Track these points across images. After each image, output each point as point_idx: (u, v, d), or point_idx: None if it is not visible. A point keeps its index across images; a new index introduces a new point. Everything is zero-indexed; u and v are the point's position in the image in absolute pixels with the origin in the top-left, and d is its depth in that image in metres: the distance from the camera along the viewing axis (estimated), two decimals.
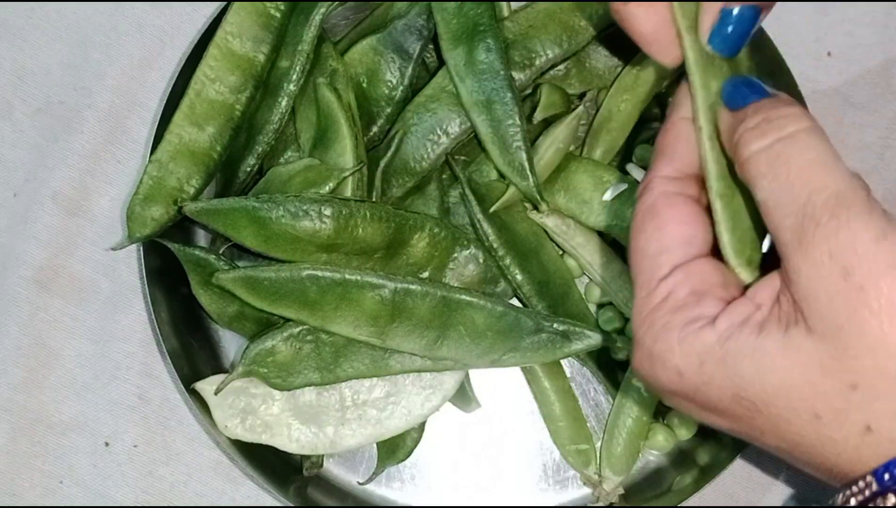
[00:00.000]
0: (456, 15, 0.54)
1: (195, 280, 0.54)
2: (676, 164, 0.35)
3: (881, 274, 0.29)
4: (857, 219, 0.30)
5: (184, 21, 0.61)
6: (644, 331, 0.33)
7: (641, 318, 0.33)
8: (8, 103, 0.60)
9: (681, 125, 0.35)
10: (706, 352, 0.31)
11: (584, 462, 0.56)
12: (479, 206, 0.54)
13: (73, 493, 0.58)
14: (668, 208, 0.34)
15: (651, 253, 0.34)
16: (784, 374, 0.30)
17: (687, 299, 0.32)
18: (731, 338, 0.31)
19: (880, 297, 0.29)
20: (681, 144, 0.35)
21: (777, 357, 0.30)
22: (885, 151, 0.60)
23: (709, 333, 0.31)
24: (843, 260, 0.29)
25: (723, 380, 0.31)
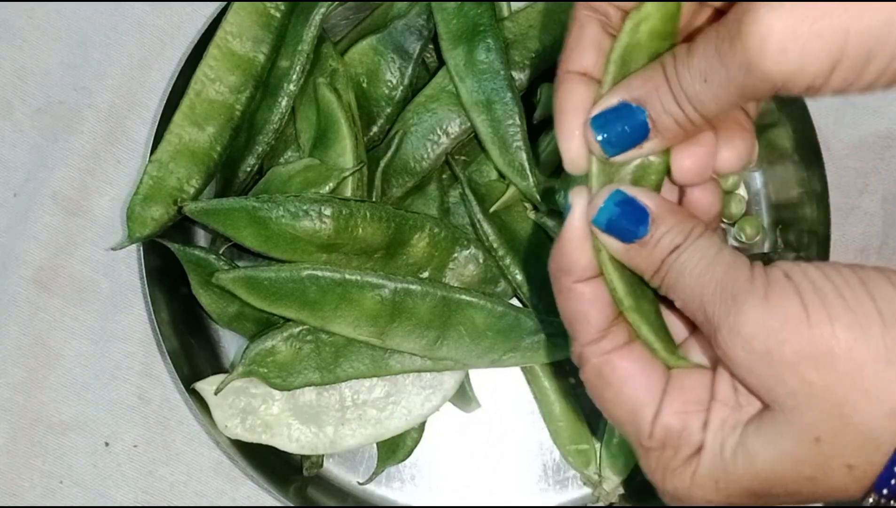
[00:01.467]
0: (456, 15, 0.54)
1: (195, 280, 0.54)
2: (594, 326, 0.36)
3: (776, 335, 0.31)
4: (740, 295, 0.32)
5: (184, 21, 0.61)
6: (661, 482, 0.35)
7: (653, 473, 0.36)
8: (8, 103, 0.60)
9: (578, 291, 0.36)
10: (713, 472, 0.34)
11: (584, 462, 0.56)
12: (479, 206, 0.54)
13: (73, 493, 0.58)
14: (613, 371, 0.35)
15: (628, 418, 0.35)
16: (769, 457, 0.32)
17: (678, 440, 0.34)
18: (723, 448, 0.33)
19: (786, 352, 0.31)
20: (588, 307, 0.36)
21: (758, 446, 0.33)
22: (885, 151, 0.60)
23: (706, 457, 0.34)
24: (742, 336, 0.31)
25: (736, 487, 0.33)
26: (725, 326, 0.32)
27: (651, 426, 0.35)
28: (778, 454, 0.32)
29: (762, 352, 0.31)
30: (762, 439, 0.32)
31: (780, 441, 0.32)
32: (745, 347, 0.31)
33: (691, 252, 0.34)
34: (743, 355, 0.32)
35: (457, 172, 0.55)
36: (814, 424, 0.31)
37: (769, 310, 0.31)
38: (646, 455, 0.35)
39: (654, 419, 0.35)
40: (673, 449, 0.34)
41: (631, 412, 0.35)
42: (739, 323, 0.32)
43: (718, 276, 0.33)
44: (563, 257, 0.36)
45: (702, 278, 0.33)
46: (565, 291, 0.36)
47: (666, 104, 0.33)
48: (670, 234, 0.34)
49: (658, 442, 0.35)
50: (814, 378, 0.31)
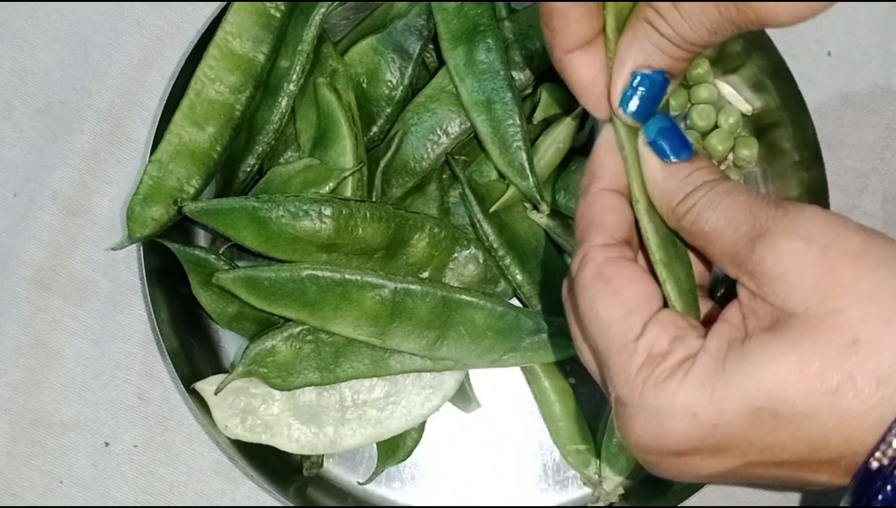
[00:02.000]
0: (456, 15, 0.54)
1: (195, 280, 0.54)
2: (608, 232, 0.35)
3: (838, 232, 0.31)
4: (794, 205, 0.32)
5: (184, 21, 0.61)
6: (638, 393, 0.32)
7: (630, 382, 0.32)
8: (8, 103, 0.60)
9: (604, 196, 0.36)
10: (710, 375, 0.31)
11: (584, 462, 0.56)
12: (479, 206, 0.54)
13: (73, 493, 0.58)
14: (617, 271, 0.34)
15: (617, 317, 0.33)
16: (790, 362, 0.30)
17: (670, 345, 0.32)
18: (729, 353, 0.31)
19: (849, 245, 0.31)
20: (607, 214, 0.35)
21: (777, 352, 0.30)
22: (885, 151, 0.60)
23: (704, 359, 0.31)
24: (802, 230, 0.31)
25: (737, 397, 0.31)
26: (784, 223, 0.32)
27: (642, 328, 0.33)
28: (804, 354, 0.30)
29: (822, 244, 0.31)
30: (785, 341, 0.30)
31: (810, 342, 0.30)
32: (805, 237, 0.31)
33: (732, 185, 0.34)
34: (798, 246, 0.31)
35: (457, 172, 0.55)
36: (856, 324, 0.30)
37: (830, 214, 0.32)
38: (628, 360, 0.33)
39: (648, 322, 0.33)
40: (661, 354, 0.32)
41: (624, 311, 0.33)
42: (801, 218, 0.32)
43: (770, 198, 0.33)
44: (595, 163, 0.36)
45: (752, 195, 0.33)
46: (590, 195, 0.36)
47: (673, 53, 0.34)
48: (707, 169, 0.35)
49: (646, 343, 0.33)
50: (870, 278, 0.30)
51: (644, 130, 0.35)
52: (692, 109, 0.59)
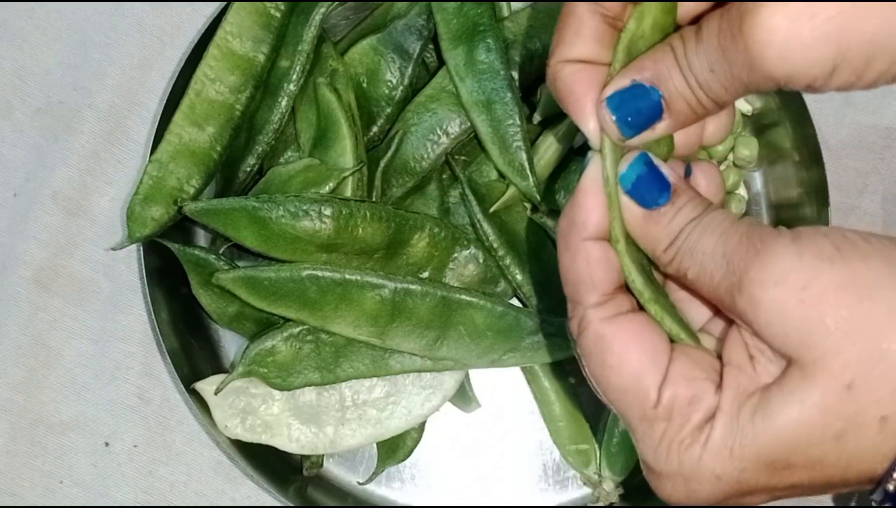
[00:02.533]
0: (456, 15, 0.54)
1: (195, 280, 0.54)
2: (599, 289, 0.34)
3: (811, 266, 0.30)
4: (769, 237, 0.31)
5: (184, 21, 0.61)
6: (664, 461, 0.33)
7: (655, 451, 0.33)
8: (8, 103, 0.60)
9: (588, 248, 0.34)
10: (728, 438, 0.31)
11: (584, 462, 0.56)
12: (479, 206, 0.54)
13: (73, 493, 0.58)
14: (617, 335, 0.33)
15: (630, 387, 0.33)
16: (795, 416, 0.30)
17: (688, 408, 0.32)
18: (741, 412, 0.31)
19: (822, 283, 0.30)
20: (595, 268, 0.34)
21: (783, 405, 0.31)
22: (885, 151, 0.60)
23: (721, 420, 0.32)
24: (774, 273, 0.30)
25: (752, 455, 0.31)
26: (754, 268, 0.31)
27: (658, 393, 0.32)
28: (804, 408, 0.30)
29: (796, 288, 0.30)
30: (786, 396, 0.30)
31: (808, 392, 0.30)
32: (778, 281, 0.30)
33: (710, 219, 0.33)
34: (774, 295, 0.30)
35: (457, 172, 0.55)
36: (847, 365, 0.30)
37: (801, 247, 0.30)
38: (650, 429, 0.33)
39: (662, 385, 0.33)
40: (682, 418, 0.32)
41: (635, 379, 0.33)
42: (771, 258, 0.30)
43: (743, 229, 0.32)
44: (577, 209, 0.34)
45: (726, 233, 0.32)
46: (574, 248, 0.34)
47: (678, 86, 0.33)
48: (690, 205, 0.34)
49: (665, 411, 0.32)
50: (852, 314, 0.29)
51: (620, 180, 0.34)
52: None
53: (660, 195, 0.34)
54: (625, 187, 0.34)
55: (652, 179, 0.34)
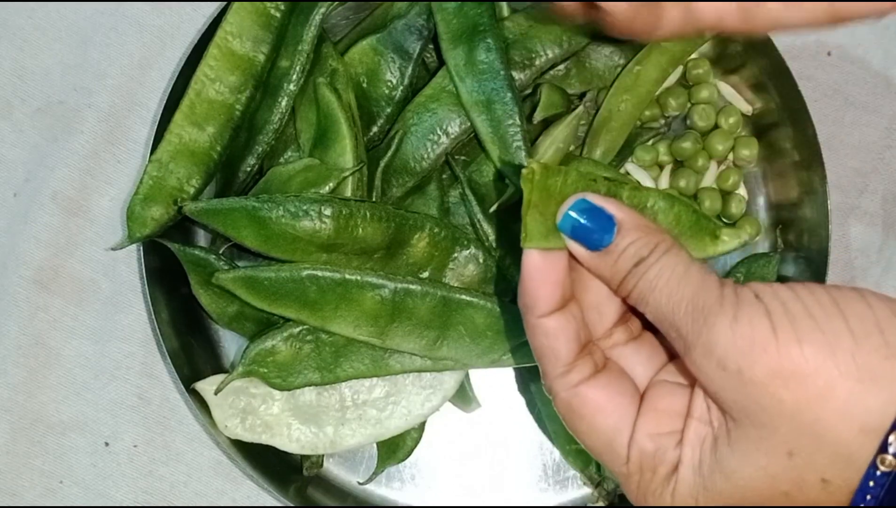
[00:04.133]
0: (456, 15, 0.54)
1: (195, 280, 0.54)
2: (561, 359, 0.36)
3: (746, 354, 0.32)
4: (710, 316, 0.33)
5: (184, 21, 0.61)
6: (644, 504, 0.36)
7: (634, 495, 0.36)
8: (8, 103, 0.60)
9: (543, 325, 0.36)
10: (693, 489, 0.34)
11: (584, 462, 0.56)
12: (479, 206, 0.54)
13: (73, 493, 0.58)
14: (583, 404, 0.36)
15: (603, 448, 0.36)
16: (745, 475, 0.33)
17: (654, 461, 0.35)
18: (702, 464, 0.34)
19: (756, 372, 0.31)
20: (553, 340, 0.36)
21: (734, 462, 0.33)
22: (885, 151, 0.60)
23: (685, 473, 0.34)
24: (715, 356, 0.32)
25: (713, 503, 0.34)
26: (699, 346, 0.33)
27: (627, 451, 0.35)
28: (753, 469, 0.32)
29: (734, 371, 0.32)
30: (737, 454, 0.33)
31: (755, 456, 0.32)
32: (718, 365, 0.32)
33: (660, 269, 0.35)
34: (716, 373, 0.32)
35: (457, 172, 0.55)
36: (786, 439, 0.32)
37: (738, 331, 0.32)
38: (626, 481, 0.36)
39: (629, 443, 0.35)
40: (650, 471, 0.35)
41: (606, 440, 0.36)
42: (711, 343, 0.32)
43: (688, 295, 0.33)
44: (526, 294, 0.36)
45: (672, 297, 0.34)
46: (531, 327, 0.37)
47: None
48: (635, 246, 0.35)
49: (635, 466, 0.35)
50: (784, 397, 0.31)
51: (559, 226, 0.36)
52: (692, 109, 0.59)
53: (602, 237, 0.35)
54: (566, 232, 0.36)
55: (589, 223, 0.36)
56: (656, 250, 0.35)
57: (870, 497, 0.31)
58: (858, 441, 0.31)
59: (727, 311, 0.32)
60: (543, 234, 0.36)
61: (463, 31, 0.54)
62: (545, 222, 0.36)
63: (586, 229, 0.35)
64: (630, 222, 0.35)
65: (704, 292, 0.33)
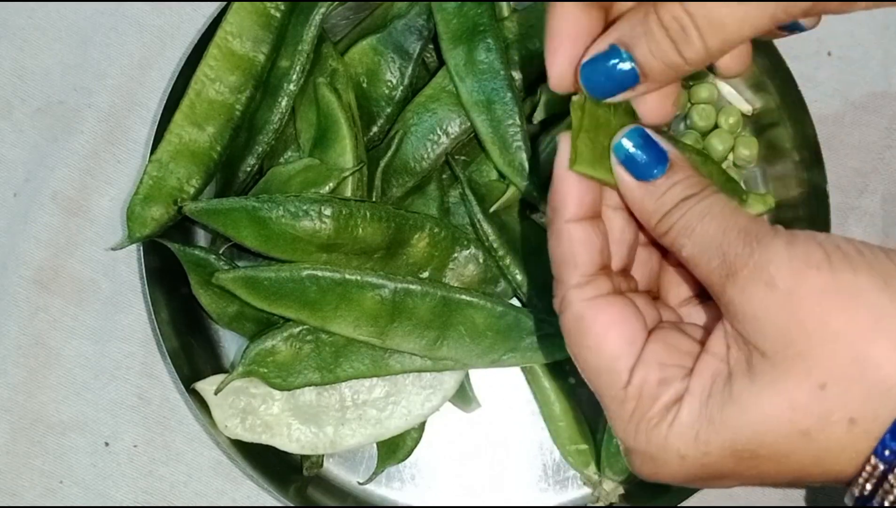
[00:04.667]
0: (456, 15, 0.54)
1: (195, 280, 0.54)
2: (581, 269, 0.35)
3: (800, 273, 0.31)
4: (765, 237, 0.32)
5: (184, 21, 0.61)
6: (633, 438, 0.34)
7: (624, 428, 0.34)
8: (8, 103, 0.60)
9: (570, 230, 0.35)
10: (695, 421, 0.33)
11: (584, 462, 0.56)
12: (479, 206, 0.54)
13: (73, 493, 0.58)
14: (596, 317, 0.35)
15: (604, 367, 0.35)
16: (764, 409, 0.31)
17: (657, 389, 0.33)
18: (710, 398, 0.32)
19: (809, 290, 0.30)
20: (577, 248, 0.35)
21: (752, 396, 0.31)
22: (885, 151, 0.60)
23: (689, 403, 0.33)
24: (765, 274, 0.31)
25: (718, 441, 0.32)
26: (749, 265, 0.32)
27: (629, 375, 0.34)
28: (775, 401, 0.31)
29: (783, 291, 0.31)
30: (759, 386, 0.31)
31: (780, 387, 0.31)
32: (767, 284, 0.31)
33: (711, 201, 0.34)
34: (763, 294, 0.31)
35: (457, 172, 0.55)
36: (823, 368, 0.30)
37: (794, 251, 0.31)
38: (620, 407, 0.34)
39: (634, 367, 0.34)
40: (651, 398, 0.33)
41: (610, 360, 0.34)
42: (765, 261, 0.31)
43: (742, 223, 0.33)
44: (556, 195, 0.35)
45: (725, 222, 0.33)
46: (556, 231, 0.35)
47: (653, 49, 0.33)
48: (685, 183, 0.34)
49: (634, 391, 0.34)
50: (832, 321, 0.30)
51: (614, 150, 0.35)
52: (692, 109, 0.59)
53: (654, 167, 0.35)
54: (618, 157, 0.35)
55: (645, 150, 0.35)
56: (705, 190, 0.34)
57: None
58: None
59: (782, 235, 0.32)
60: (591, 161, 0.35)
61: (463, 31, 0.54)
62: (594, 150, 0.35)
63: (639, 158, 0.35)
64: (681, 161, 0.35)
65: (757, 223, 0.33)
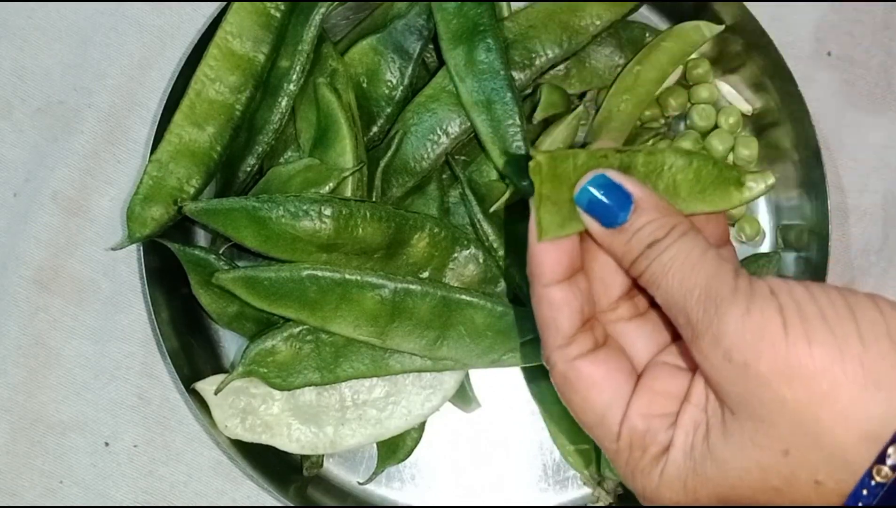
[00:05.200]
0: (456, 15, 0.54)
1: (195, 280, 0.54)
2: (561, 332, 0.36)
3: (754, 347, 0.31)
4: (722, 306, 0.32)
5: (184, 21, 0.61)
6: (631, 482, 0.36)
7: (622, 474, 0.36)
8: (8, 103, 0.60)
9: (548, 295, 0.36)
10: (682, 473, 0.34)
11: (584, 462, 0.56)
12: (479, 206, 0.54)
13: (73, 493, 0.58)
14: (579, 377, 0.36)
15: (595, 422, 0.36)
16: (737, 464, 0.33)
17: (645, 438, 0.35)
18: (693, 450, 0.34)
19: (762, 367, 0.31)
20: (556, 311, 0.36)
21: (727, 452, 0.33)
22: (884, 151, 0.60)
23: (675, 455, 0.34)
24: (722, 346, 0.32)
25: (704, 491, 0.34)
26: (708, 335, 0.32)
27: (618, 428, 0.35)
28: (746, 461, 0.32)
29: (740, 364, 0.32)
30: (731, 445, 0.33)
31: (749, 450, 0.32)
32: (724, 356, 0.32)
33: (675, 251, 0.34)
34: (721, 364, 0.32)
35: (457, 172, 0.55)
36: (784, 437, 0.31)
37: (749, 324, 0.32)
38: (615, 457, 0.36)
39: (622, 421, 0.35)
40: (640, 450, 0.35)
41: (598, 415, 0.36)
42: (720, 333, 0.32)
43: (702, 282, 0.33)
44: (533, 262, 0.36)
45: (685, 282, 0.33)
46: (536, 296, 0.37)
47: None
48: (651, 226, 0.35)
49: (625, 444, 0.35)
50: (787, 394, 0.31)
51: (576, 199, 0.35)
52: (692, 109, 0.59)
53: (617, 214, 0.35)
54: (582, 206, 0.36)
55: (607, 198, 0.35)
56: (672, 232, 0.34)
57: (861, 505, 0.31)
58: (857, 448, 0.30)
59: (740, 303, 0.32)
60: (559, 223, 0.35)
61: (463, 31, 0.54)
62: (560, 211, 0.35)
63: (603, 205, 0.35)
64: (648, 202, 0.35)
65: (718, 280, 0.33)
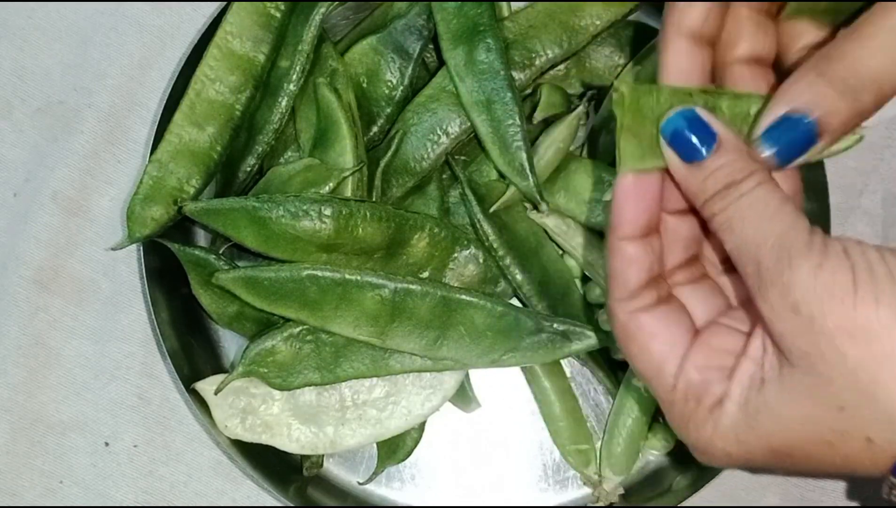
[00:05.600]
0: (456, 15, 0.54)
1: (195, 280, 0.54)
2: (628, 285, 0.37)
3: (823, 303, 0.32)
4: (796, 258, 0.33)
5: (184, 21, 0.61)
6: (685, 434, 0.37)
7: (677, 425, 0.37)
8: (8, 103, 0.60)
9: (621, 248, 0.37)
10: (736, 425, 0.35)
11: (584, 462, 0.56)
12: (479, 206, 0.54)
13: (73, 493, 0.58)
14: (639, 329, 0.37)
15: (652, 372, 0.37)
16: (792, 417, 0.33)
17: (700, 389, 0.36)
18: (748, 403, 0.34)
19: (828, 322, 0.32)
20: (626, 265, 0.37)
21: (782, 405, 0.33)
22: (885, 151, 0.60)
23: (729, 408, 0.35)
24: (791, 297, 0.32)
25: (757, 443, 0.34)
26: (778, 285, 0.33)
27: (674, 380, 0.36)
28: (800, 415, 0.33)
29: (806, 317, 0.32)
30: (786, 397, 0.33)
31: (805, 403, 0.33)
32: (792, 307, 0.32)
33: (753, 198, 0.34)
34: (787, 315, 0.33)
35: (457, 172, 0.55)
36: (840, 393, 0.32)
37: (820, 278, 0.32)
38: (670, 408, 0.37)
39: (678, 372, 0.36)
40: (695, 401, 0.36)
41: (655, 365, 0.37)
42: (791, 284, 0.32)
43: (778, 231, 0.33)
44: (611, 212, 0.37)
45: (761, 230, 0.34)
46: (610, 246, 0.37)
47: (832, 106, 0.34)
48: (730, 167, 0.35)
49: (680, 394, 0.36)
50: (849, 351, 0.31)
51: (661, 129, 0.36)
52: None
53: (697, 151, 0.35)
54: (666, 138, 0.36)
55: (691, 132, 0.35)
56: (750, 178, 0.35)
57: None
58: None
59: (813, 257, 0.32)
60: (639, 155, 0.36)
61: (463, 31, 0.54)
62: (640, 143, 0.36)
63: (686, 138, 0.35)
64: (731, 143, 0.35)
65: (794, 232, 0.33)
